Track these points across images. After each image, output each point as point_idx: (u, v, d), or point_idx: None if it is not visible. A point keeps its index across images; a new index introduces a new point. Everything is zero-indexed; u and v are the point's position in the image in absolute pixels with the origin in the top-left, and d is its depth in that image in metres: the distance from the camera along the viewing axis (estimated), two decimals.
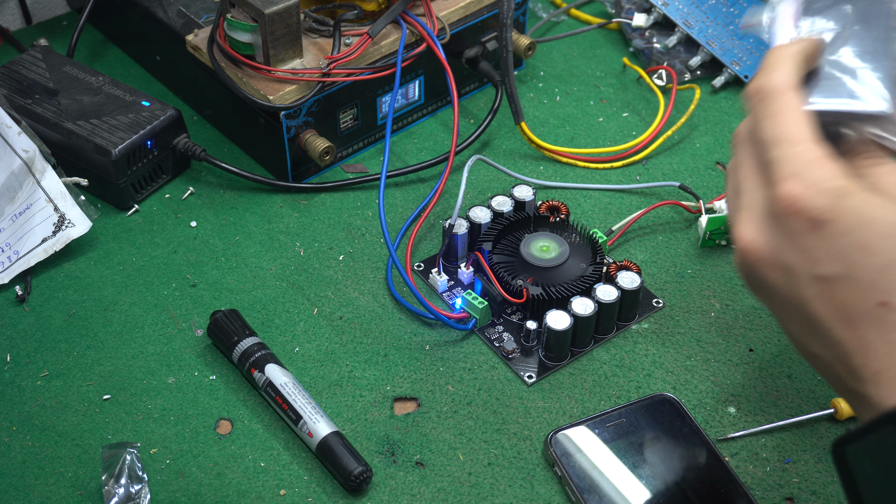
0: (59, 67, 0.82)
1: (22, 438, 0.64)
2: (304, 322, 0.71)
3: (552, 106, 0.89)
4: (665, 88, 0.88)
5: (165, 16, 0.85)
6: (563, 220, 0.74)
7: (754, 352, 0.69)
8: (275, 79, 0.75)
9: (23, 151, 0.74)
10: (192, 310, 0.72)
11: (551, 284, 0.69)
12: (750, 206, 0.47)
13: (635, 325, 0.71)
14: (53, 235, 0.74)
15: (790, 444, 0.64)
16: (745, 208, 0.47)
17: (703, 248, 0.76)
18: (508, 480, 0.62)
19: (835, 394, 0.66)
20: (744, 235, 0.47)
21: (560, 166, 0.83)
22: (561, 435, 0.63)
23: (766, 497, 0.61)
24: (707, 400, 0.66)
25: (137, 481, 0.60)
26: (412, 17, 0.79)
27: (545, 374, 0.67)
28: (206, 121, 0.87)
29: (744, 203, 0.47)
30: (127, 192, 0.78)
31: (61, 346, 0.69)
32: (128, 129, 0.77)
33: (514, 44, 0.87)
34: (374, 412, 0.65)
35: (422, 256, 0.75)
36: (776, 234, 0.45)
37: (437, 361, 0.68)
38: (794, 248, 0.45)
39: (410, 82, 0.84)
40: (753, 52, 0.90)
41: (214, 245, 0.76)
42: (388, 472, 0.62)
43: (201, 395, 0.66)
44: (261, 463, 0.63)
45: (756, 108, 0.48)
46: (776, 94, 0.47)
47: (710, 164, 0.83)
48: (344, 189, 0.81)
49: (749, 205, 0.47)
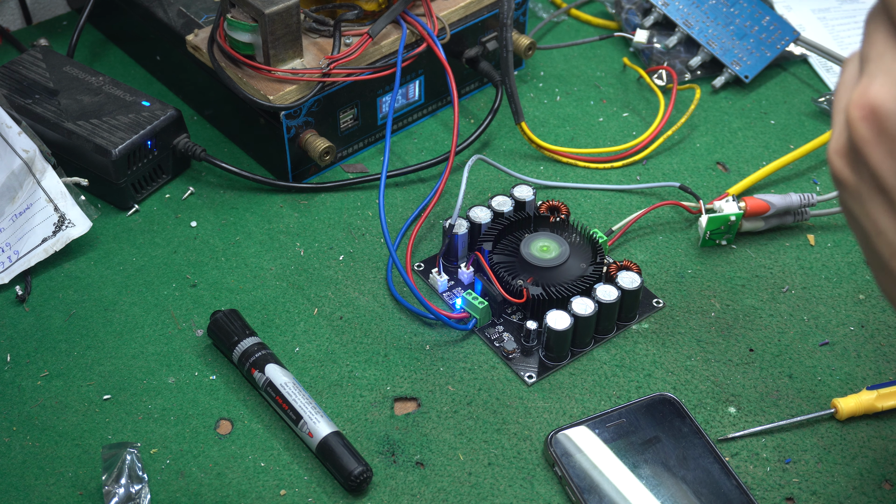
0: (59, 67, 0.82)
1: (22, 438, 0.64)
2: (305, 322, 0.71)
3: (552, 106, 0.89)
4: (665, 88, 0.88)
5: (165, 16, 0.85)
6: (564, 220, 0.74)
7: (754, 352, 0.69)
8: (275, 79, 0.75)
9: (23, 151, 0.74)
10: (193, 310, 0.72)
11: (551, 284, 0.69)
12: (881, 68, 0.37)
13: (635, 325, 0.71)
14: (53, 235, 0.74)
15: (790, 444, 0.64)
16: (872, 71, 0.38)
17: (703, 248, 0.76)
18: (508, 480, 0.62)
19: (835, 393, 0.66)
20: (869, 95, 0.37)
21: (560, 166, 0.83)
22: (561, 435, 0.63)
23: (766, 497, 0.61)
24: (707, 400, 0.66)
25: (137, 481, 0.60)
26: (412, 17, 0.79)
27: (545, 374, 0.67)
28: (206, 121, 0.87)
29: (871, 68, 0.38)
30: (127, 192, 0.78)
31: (61, 346, 0.69)
32: (128, 129, 0.77)
33: (514, 44, 0.87)
34: (374, 412, 0.65)
35: (422, 256, 0.75)
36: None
37: (438, 361, 0.68)
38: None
39: (410, 82, 0.84)
40: (753, 52, 0.90)
41: (214, 245, 0.76)
42: (388, 472, 0.62)
43: (201, 395, 0.66)
44: (261, 463, 0.63)
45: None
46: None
47: (710, 164, 0.83)
48: (344, 189, 0.81)
49: (880, 66, 0.37)
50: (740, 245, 0.76)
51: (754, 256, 0.75)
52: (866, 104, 0.37)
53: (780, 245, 0.76)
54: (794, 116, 0.88)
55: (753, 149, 0.85)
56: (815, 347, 0.69)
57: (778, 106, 0.89)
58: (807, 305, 0.72)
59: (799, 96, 0.90)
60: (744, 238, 0.77)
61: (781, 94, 0.90)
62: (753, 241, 0.76)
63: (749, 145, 0.85)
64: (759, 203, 0.75)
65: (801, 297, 0.73)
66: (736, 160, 0.83)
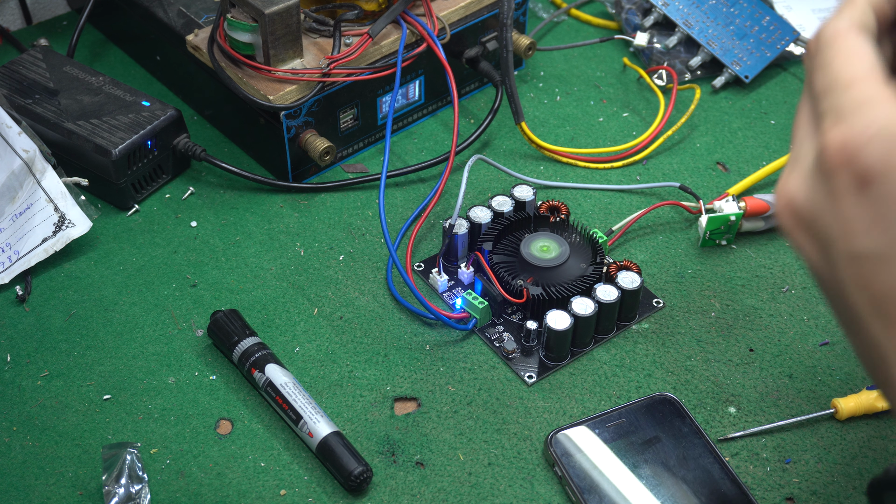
0: (59, 67, 0.82)
1: (22, 438, 0.64)
2: (305, 322, 0.71)
3: (552, 106, 0.89)
4: (665, 88, 0.88)
5: (165, 16, 0.85)
6: (564, 220, 0.74)
7: (754, 352, 0.69)
8: (275, 79, 0.75)
9: (23, 151, 0.74)
10: (193, 310, 0.72)
11: (551, 284, 0.69)
12: (797, 158, 0.39)
13: (635, 325, 0.71)
14: (54, 235, 0.74)
15: (790, 444, 0.64)
16: (792, 161, 0.40)
17: (703, 248, 0.76)
18: (508, 480, 0.62)
19: (835, 393, 0.66)
20: (781, 186, 0.39)
21: (560, 166, 0.83)
22: (561, 435, 0.63)
23: (766, 497, 0.61)
24: (707, 400, 0.66)
25: (138, 481, 0.60)
26: (412, 17, 0.79)
27: (545, 374, 0.67)
28: (206, 121, 0.87)
29: (793, 155, 0.40)
30: (127, 192, 0.78)
31: (61, 346, 0.69)
32: (128, 129, 0.77)
33: (515, 44, 0.87)
34: (374, 412, 0.65)
35: (422, 256, 0.75)
36: (817, 193, 0.37)
37: (438, 361, 0.68)
38: (833, 212, 0.36)
39: (410, 82, 0.84)
40: (753, 52, 0.90)
41: (215, 245, 0.76)
42: (388, 472, 0.62)
43: (201, 395, 0.66)
44: (261, 463, 0.63)
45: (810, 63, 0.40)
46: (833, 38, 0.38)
47: (711, 164, 0.83)
48: (344, 189, 0.81)
49: (796, 157, 0.39)
50: (740, 245, 0.76)
51: (754, 256, 0.75)
52: (785, 197, 0.39)
53: (780, 245, 0.76)
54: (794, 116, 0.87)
55: (753, 149, 0.85)
56: (815, 347, 0.69)
57: (778, 106, 0.89)
58: (807, 305, 0.72)
59: (799, 96, 0.90)
60: (744, 238, 0.77)
61: (781, 94, 0.90)
62: (753, 241, 0.76)
63: (749, 145, 0.85)
64: (759, 203, 0.75)
65: (801, 297, 0.73)
66: (736, 160, 0.83)
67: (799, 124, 0.40)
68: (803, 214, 0.38)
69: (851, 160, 0.35)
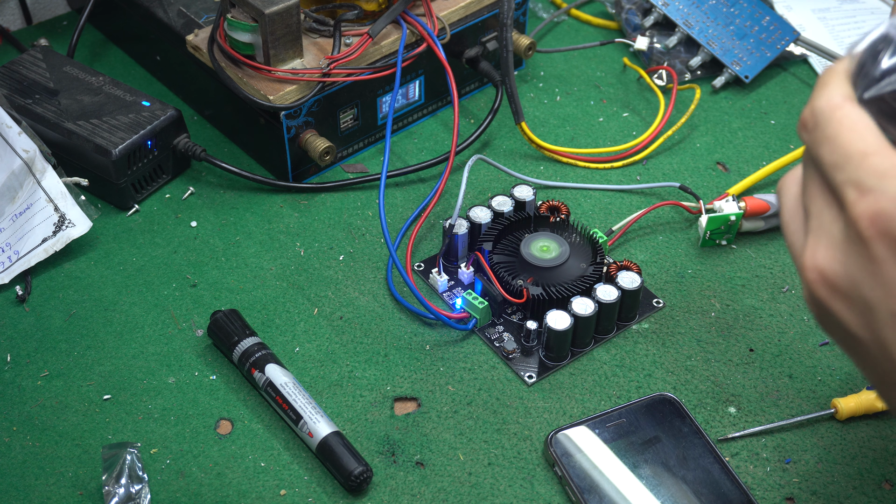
0: (59, 67, 0.82)
1: (22, 438, 0.64)
2: (305, 322, 0.71)
3: (552, 106, 0.89)
4: (665, 88, 0.88)
5: (166, 16, 0.85)
6: (564, 220, 0.74)
7: (754, 352, 0.69)
8: (275, 79, 0.75)
9: (23, 151, 0.74)
10: (193, 310, 0.72)
11: (551, 284, 0.69)
12: (822, 230, 0.40)
13: (635, 325, 0.71)
14: (54, 235, 0.74)
15: (790, 444, 0.64)
16: (815, 231, 0.40)
17: (703, 248, 0.76)
18: (508, 480, 0.62)
19: (835, 393, 0.66)
20: (817, 261, 0.40)
21: (560, 166, 0.83)
22: (561, 435, 0.63)
23: (766, 497, 0.61)
24: (707, 400, 0.66)
25: (138, 481, 0.60)
26: (412, 17, 0.79)
27: (545, 374, 0.67)
28: (206, 121, 0.87)
29: (813, 226, 0.40)
30: (127, 192, 0.78)
31: (61, 346, 0.69)
32: (128, 129, 0.77)
33: (515, 44, 0.87)
34: (374, 412, 0.65)
35: (422, 256, 0.75)
36: (853, 263, 0.39)
37: (438, 361, 0.68)
38: (873, 278, 0.38)
39: (410, 82, 0.84)
40: (753, 52, 0.90)
41: (214, 245, 0.76)
42: (388, 472, 0.62)
43: (201, 395, 0.66)
44: (261, 463, 0.63)
45: (811, 137, 0.41)
46: (829, 112, 0.40)
47: (711, 164, 0.83)
48: (344, 189, 0.81)
49: (821, 227, 0.40)
50: (740, 245, 0.76)
51: (754, 256, 0.75)
52: (816, 270, 0.40)
53: (780, 245, 0.76)
54: (794, 116, 0.88)
55: (753, 149, 0.85)
56: (815, 347, 0.69)
57: (778, 106, 0.89)
58: (807, 305, 0.72)
59: (799, 96, 0.90)
60: (744, 238, 0.77)
61: (781, 94, 0.90)
62: (753, 241, 0.76)
63: (749, 145, 0.85)
64: (759, 203, 0.75)
65: (801, 297, 0.72)
66: (736, 160, 0.83)
67: (812, 197, 0.41)
68: (840, 284, 0.40)
69: (888, 228, 0.37)
